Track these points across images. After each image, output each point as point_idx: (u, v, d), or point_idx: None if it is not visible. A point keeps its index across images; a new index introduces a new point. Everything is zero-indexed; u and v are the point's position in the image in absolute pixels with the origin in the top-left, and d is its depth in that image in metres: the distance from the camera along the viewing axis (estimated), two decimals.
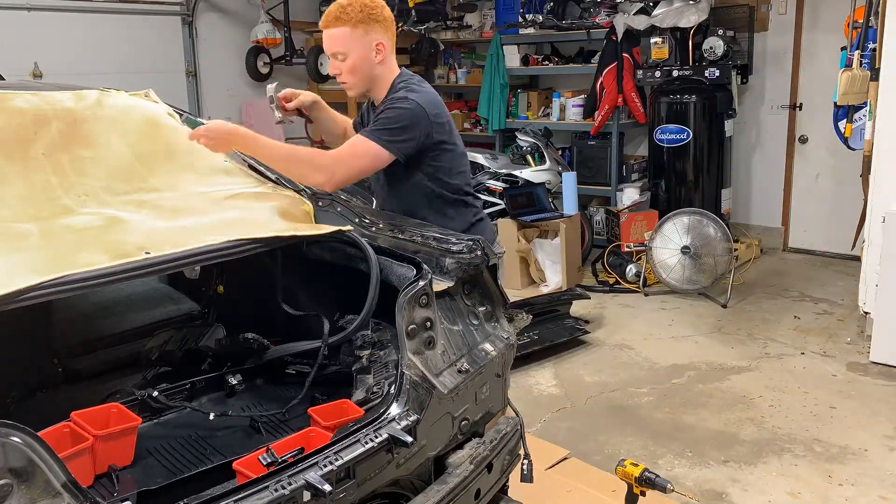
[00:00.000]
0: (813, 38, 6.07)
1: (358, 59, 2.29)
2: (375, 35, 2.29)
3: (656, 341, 4.61)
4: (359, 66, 2.31)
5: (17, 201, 1.87)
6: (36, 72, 5.40)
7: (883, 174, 4.22)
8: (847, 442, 3.35)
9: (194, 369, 2.19)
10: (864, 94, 4.34)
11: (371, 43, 2.29)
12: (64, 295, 1.57)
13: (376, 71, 2.34)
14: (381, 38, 2.30)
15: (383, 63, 2.34)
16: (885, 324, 4.11)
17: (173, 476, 1.70)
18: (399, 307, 1.81)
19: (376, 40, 2.29)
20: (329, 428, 1.73)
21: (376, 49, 2.30)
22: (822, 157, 6.17)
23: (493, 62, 6.79)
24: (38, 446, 1.25)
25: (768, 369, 4.15)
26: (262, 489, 1.43)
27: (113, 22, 5.88)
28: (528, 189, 5.68)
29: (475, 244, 2.01)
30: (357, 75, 2.33)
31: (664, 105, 5.92)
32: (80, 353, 2.17)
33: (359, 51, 2.28)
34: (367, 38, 2.28)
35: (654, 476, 2.40)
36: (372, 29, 2.28)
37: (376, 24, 2.28)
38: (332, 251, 2.15)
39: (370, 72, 2.33)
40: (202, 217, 1.98)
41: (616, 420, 3.62)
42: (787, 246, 6.52)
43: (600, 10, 6.32)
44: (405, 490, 1.80)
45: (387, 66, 2.35)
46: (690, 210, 5.40)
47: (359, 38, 2.27)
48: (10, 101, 2.09)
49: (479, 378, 1.95)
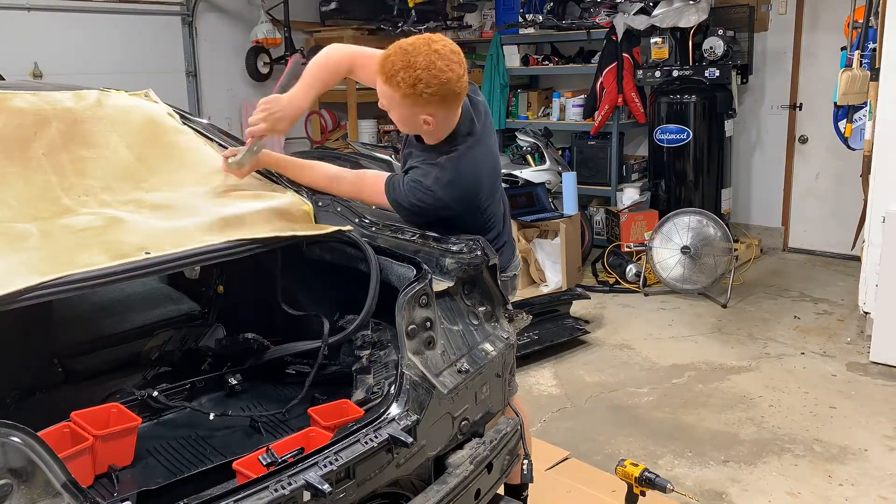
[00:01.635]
0: (813, 38, 6.07)
1: (402, 119, 2.11)
2: (424, 110, 2.04)
3: (656, 341, 4.61)
4: (405, 124, 2.14)
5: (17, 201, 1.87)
6: (36, 72, 5.40)
7: (883, 174, 4.22)
8: (847, 442, 3.35)
9: (194, 369, 2.19)
10: (864, 94, 4.34)
11: (417, 115, 2.06)
12: (64, 295, 1.57)
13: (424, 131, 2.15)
14: (434, 114, 2.05)
15: (432, 132, 2.14)
16: (885, 324, 4.11)
17: (173, 476, 1.70)
18: (399, 307, 1.81)
19: (424, 115, 2.05)
20: (329, 428, 1.73)
21: (424, 122, 2.07)
22: (822, 157, 6.17)
23: (493, 62, 6.79)
24: (38, 446, 1.25)
25: (768, 369, 4.15)
26: (262, 489, 1.43)
27: (113, 22, 5.87)
28: (528, 189, 5.67)
29: (475, 244, 2.01)
30: (403, 127, 2.17)
31: (664, 105, 5.92)
32: (80, 353, 2.17)
33: (403, 114, 2.08)
34: (414, 109, 2.04)
35: (654, 476, 2.40)
36: (418, 104, 2.02)
37: (427, 104, 2.01)
38: (332, 251, 2.15)
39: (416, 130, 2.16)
40: (202, 217, 1.97)
41: (616, 420, 3.62)
42: (787, 246, 6.52)
43: (600, 10, 6.32)
44: (405, 490, 1.80)
45: (437, 132, 2.14)
46: (690, 210, 5.40)
47: (406, 106, 2.04)
48: (10, 101, 2.08)
49: (479, 378, 1.95)
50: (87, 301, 2.26)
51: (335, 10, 6.81)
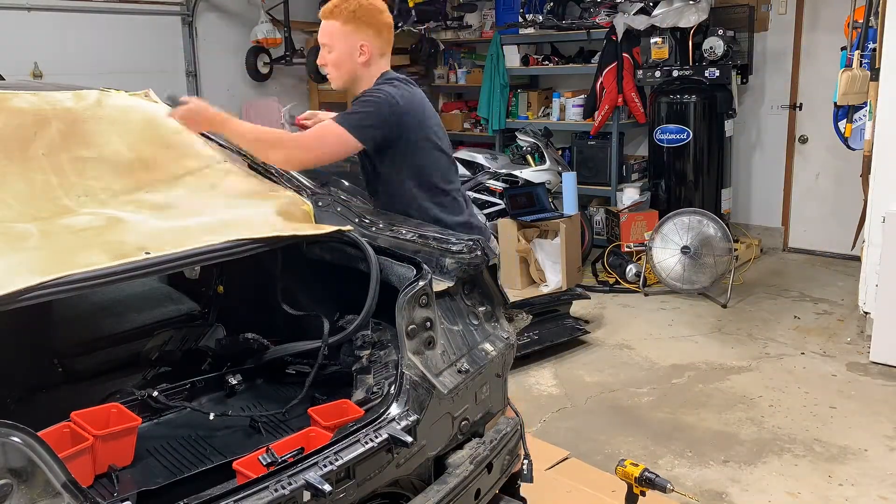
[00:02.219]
0: (813, 38, 6.07)
1: (342, 54, 2.38)
2: (361, 36, 2.36)
3: (656, 341, 4.61)
4: (342, 62, 2.39)
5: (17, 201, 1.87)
6: (36, 72, 5.40)
7: (883, 174, 4.22)
8: (847, 442, 3.35)
9: (194, 369, 2.19)
10: (864, 94, 4.34)
11: (356, 43, 2.36)
12: (64, 295, 1.57)
13: (359, 71, 2.40)
14: (369, 41, 2.37)
15: (367, 65, 2.40)
16: (885, 324, 4.11)
17: (173, 476, 1.70)
18: (399, 307, 1.81)
19: (361, 41, 2.36)
20: (329, 428, 1.73)
21: (360, 49, 2.36)
22: (822, 157, 6.16)
23: (493, 62, 6.79)
24: (38, 446, 1.25)
25: (768, 369, 4.15)
26: (262, 489, 1.43)
27: (113, 22, 5.87)
28: (528, 189, 5.67)
29: (475, 244, 2.01)
30: (340, 70, 2.41)
31: (664, 105, 5.92)
32: (80, 353, 2.17)
33: (343, 47, 2.37)
34: (354, 37, 2.35)
35: (654, 476, 2.40)
36: (360, 30, 2.35)
37: (366, 27, 2.36)
38: (332, 251, 2.15)
39: (352, 69, 2.40)
40: (202, 217, 1.98)
41: (616, 420, 3.62)
42: (787, 246, 6.52)
43: (600, 10, 6.32)
44: (405, 490, 1.80)
45: (370, 68, 2.41)
46: (690, 210, 5.40)
47: (346, 35, 2.35)
48: (10, 101, 2.09)
49: (479, 378, 1.95)
50: (87, 301, 2.26)
51: None
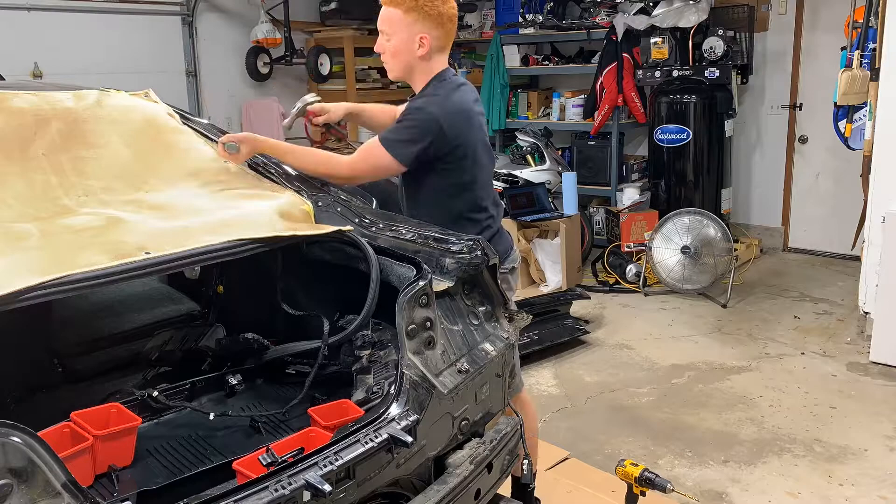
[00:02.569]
0: (813, 38, 6.07)
1: (400, 44, 2.32)
2: (423, 27, 2.30)
3: (656, 341, 4.61)
4: (400, 52, 2.34)
5: (17, 201, 1.87)
6: (36, 72, 5.40)
7: (883, 174, 4.22)
8: (847, 442, 3.35)
9: (194, 369, 2.18)
10: (864, 94, 4.34)
11: (415, 34, 2.30)
12: (64, 295, 1.57)
13: (417, 63, 2.35)
14: (429, 32, 2.31)
15: (425, 58, 2.35)
16: (885, 324, 4.11)
17: (173, 476, 1.69)
18: (399, 307, 1.81)
19: (421, 33, 2.30)
20: (329, 428, 1.72)
21: (420, 41, 2.31)
22: (822, 157, 6.17)
23: (493, 62, 6.79)
24: (38, 446, 1.25)
25: (768, 369, 4.15)
26: (262, 489, 1.42)
27: (113, 22, 5.87)
28: (528, 189, 5.68)
29: (475, 244, 2.01)
30: (397, 60, 2.36)
31: (664, 105, 5.92)
32: (80, 353, 2.17)
33: (403, 36, 2.31)
34: (414, 27, 2.30)
35: (654, 476, 2.40)
36: (421, 20, 2.29)
37: (428, 18, 2.29)
38: (332, 251, 2.15)
39: (410, 61, 2.35)
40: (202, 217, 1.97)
41: (616, 420, 3.62)
42: (787, 246, 6.52)
43: (600, 10, 6.33)
44: (405, 490, 1.80)
45: (428, 61, 2.36)
46: (690, 210, 5.40)
47: (407, 24, 2.29)
48: (10, 101, 2.08)
49: (479, 378, 1.95)
50: (87, 301, 2.26)
51: (335, 10, 6.81)
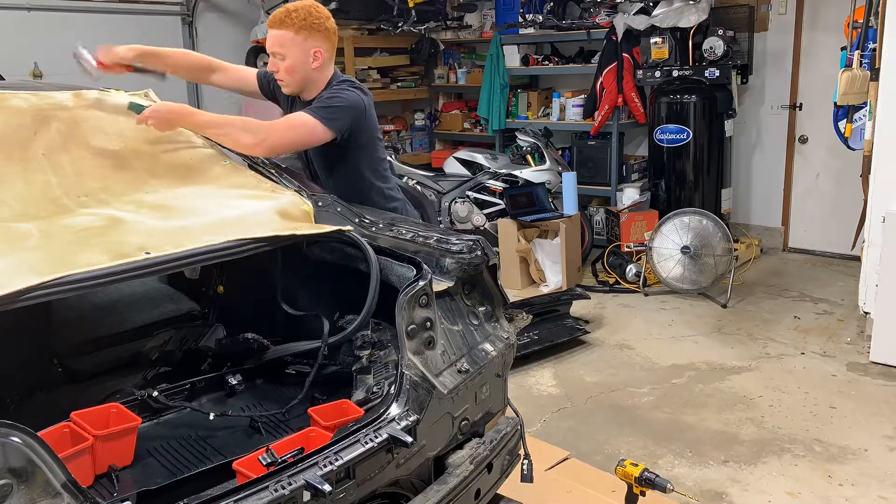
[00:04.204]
0: (813, 38, 6.06)
1: (295, 61, 2.50)
2: (314, 42, 2.49)
3: (656, 341, 4.61)
4: (295, 68, 2.51)
5: (17, 201, 1.87)
6: (36, 72, 5.40)
7: (883, 174, 4.21)
8: (847, 442, 3.35)
9: (194, 369, 2.19)
10: (864, 94, 4.34)
11: (309, 49, 2.49)
12: (64, 295, 1.57)
13: (311, 75, 2.54)
14: (320, 46, 2.50)
15: (319, 69, 2.54)
16: (885, 324, 4.11)
17: (173, 476, 1.70)
18: (399, 307, 1.81)
19: (315, 48, 2.49)
20: (329, 428, 1.73)
21: (314, 55, 2.50)
22: (822, 157, 6.16)
23: (493, 62, 6.79)
24: (38, 446, 1.25)
25: (768, 369, 4.15)
26: (262, 489, 1.43)
27: (113, 22, 5.87)
28: (528, 189, 5.67)
29: (475, 244, 2.01)
30: (293, 76, 2.53)
31: (664, 105, 5.92)
32: (80, 353, 2.17)
33: (297, 54, 2.49)
34: (306, 44, 2.48)
35: (654, 476, 2.40)
36: (312, 36, 2.48)
37: (317, 33, 2.49)
38: (332, 251, 2.15)
39: (305, 74, 2.53)
40: (202, 217, 1.98)
41: (616, 420, 3.62)
42: (787, 246, 6.52)
43: (600, 10, 6.32)
44: (405, 490, 1.81)
45: (322, 72, 2.56)
46: (690, 210, 5.40)
47: (299, 43, 2.47)
48: (9, 101, 2.09)
49: (479, 378, 1.95)
50: (87, 301, 2.26)
51: (335, 11, 6.79)
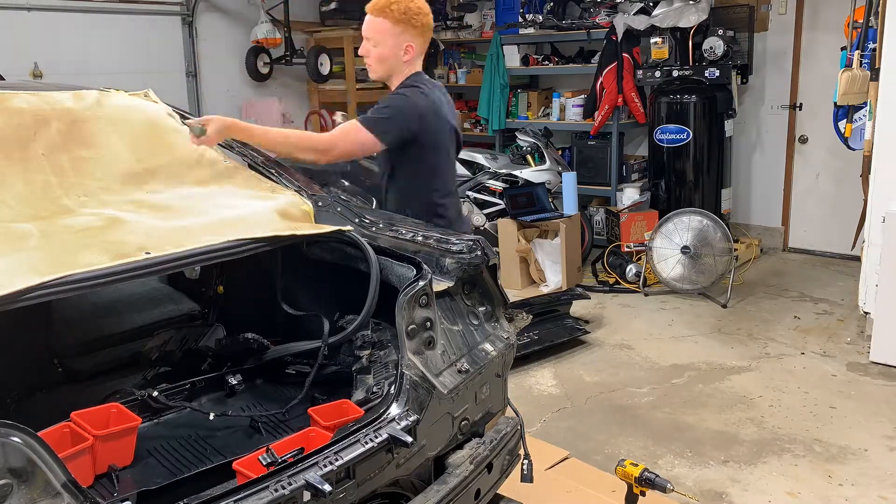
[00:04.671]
0: (813, 38, 6.06)
1: (388, 51, 2.53)
2: (409, 37, 2.52)
3: (656, 341, 4.61)
4: (386, 58, 2.54)
5: (17, 201, 1.87)
6: (36, 72, 5.39)
7: (883, 174, 4.21)
8: (847, 442, 3.35)
9: (194, 369, 2.19)
10: (864, 94, 4.34)
11: (403, 43, 2.52)
12: (64, 295, 1.57)
13: (400, 67, 2.56)
14: (414, 41, 2.53)
15: (409, 62, 2.56)
16: (885, 324, 4.10)
17: (173, 476, 1.70)
18: (399, 307, 1.81)
19: (408, 42, 2.52)
20: (329, 428, 1.73)
21: (406, 49, 2.53)
22: (822, 157, 6.16)
23: (493, 62, 6.79)
24: (38, 446, 1.25)
25: (768, 369, 4.15)
26: (262, 489, 1.43)
27: (113, 22, 5.87)
28: (528, 189, 5.68)
29: (475, 244, 2.01)
30: (382, 64, 2.57)
31: (664, 105, 5.92)
32: (80, 353, 2.17)
33: (390, 45, 2.52)
34: (402, 37, 2.51)
35: (654, 476, 2.40)
36: (408, 31, 2.51)
37: (413, 28, 2.52)
38: (332, 251, 2.15)
39: (394, 65, 2.56)
40: (202, 217, 1.98)
41: (616, 420, 3.62)
42: (787, 246, 6.52)
43: (600, 10, 6.32)
44: (405, 490, 1.81)
45: (410, 65, 2.58)
46: (690, 210, 5.40)
47: (395, 34, 2.51)
48: (9, 101, 2.09)
49: (479, 378, 1.95)
50: (87, 301, 2.26)
51: (335, 10, 6.80)
